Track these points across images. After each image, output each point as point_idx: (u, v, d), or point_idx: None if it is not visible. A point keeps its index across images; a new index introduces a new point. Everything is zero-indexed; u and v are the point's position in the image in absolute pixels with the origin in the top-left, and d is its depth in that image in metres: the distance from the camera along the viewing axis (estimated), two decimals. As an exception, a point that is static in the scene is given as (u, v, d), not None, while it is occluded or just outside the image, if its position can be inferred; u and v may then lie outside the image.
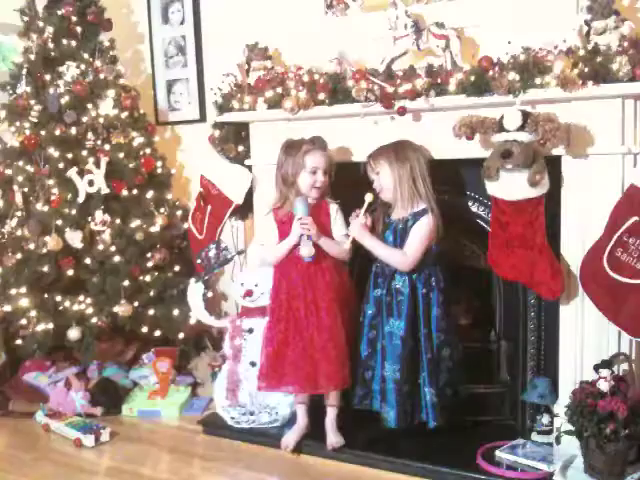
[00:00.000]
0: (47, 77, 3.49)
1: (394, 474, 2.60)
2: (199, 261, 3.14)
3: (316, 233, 2.66)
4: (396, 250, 2.61)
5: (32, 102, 3.48)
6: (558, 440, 2.50)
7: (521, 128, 2.35)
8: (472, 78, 2.50)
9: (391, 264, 2.62)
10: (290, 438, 2.81)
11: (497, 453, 2.55)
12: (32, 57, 3.53)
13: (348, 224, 2.72)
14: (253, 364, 2.91)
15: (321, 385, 2.69)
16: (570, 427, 2.37)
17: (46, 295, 3.38)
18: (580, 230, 2.49)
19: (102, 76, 3.53)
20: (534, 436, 2.65)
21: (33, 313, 3.35)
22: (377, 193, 2.67)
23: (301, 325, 2.70)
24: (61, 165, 3.40)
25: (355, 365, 2.71)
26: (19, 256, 3.40)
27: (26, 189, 3.45)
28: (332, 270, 2.73)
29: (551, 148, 2.42)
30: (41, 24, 3.54)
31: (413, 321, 2.60)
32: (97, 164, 3.39)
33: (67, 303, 3.35)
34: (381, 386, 2.66)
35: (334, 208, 2.76)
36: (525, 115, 2.35)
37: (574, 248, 2.52)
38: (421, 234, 2.57)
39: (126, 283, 3.40)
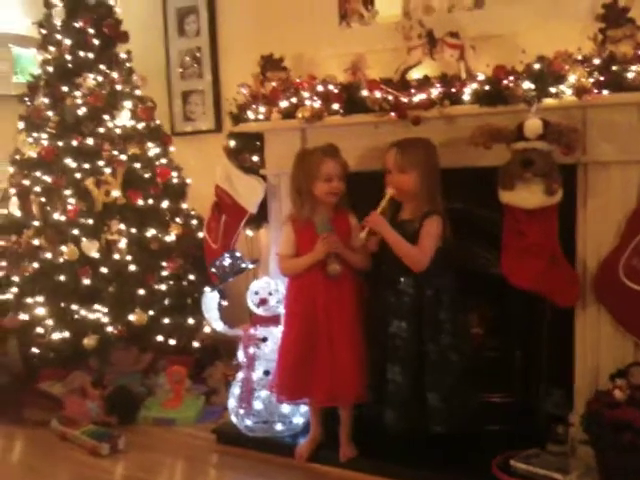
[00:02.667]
0: (64, 89, 3.52)
1: (408, 484, 2.58)
2: (213, 270, 3.15)
3: (342, 249, 2.65)
4: (414, 247, 2.53)
5: (50, 113, 3.53)
6: (573, 450, 2.49)
7: (541, 137, 2.33)
8: (487, 87, 2.51)
9: (407, 260, 2.53)
10: (304, 447, 2.80)
11: (512, 463, 2.52)
12: (50, 69, 3.60)
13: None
14: (267, 373, 2.91)
15: (340, 398, 2.67)
16: (585, 437, 2.36)
17: (63, 304, 3.40)
18: (596, 239, 2.48)
19: (119, 87, 3.57)
20: (549, 446, 2.63)
21: (50, 322, 3.38)
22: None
23: (321, 337, 2.66)
24: (78, 175, 3.43)
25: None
26: (36, 265, 3.44)
27: (43, 199, 3.49)
28: (353, 281, 2.71)
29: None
30: (59, 37, 3.60)
31: (418, 323, 2.56)
32: (114, 174, 3.42)
33: (83, 312, 3.37)
34: (384, 389, 2.60)
35: (353, 218, 2.75)
36: (546, 124, 2.33)
37: (590, 257, 2.51)
38: (431, 233, 2.52)
39: (141, 292, 3.42)
